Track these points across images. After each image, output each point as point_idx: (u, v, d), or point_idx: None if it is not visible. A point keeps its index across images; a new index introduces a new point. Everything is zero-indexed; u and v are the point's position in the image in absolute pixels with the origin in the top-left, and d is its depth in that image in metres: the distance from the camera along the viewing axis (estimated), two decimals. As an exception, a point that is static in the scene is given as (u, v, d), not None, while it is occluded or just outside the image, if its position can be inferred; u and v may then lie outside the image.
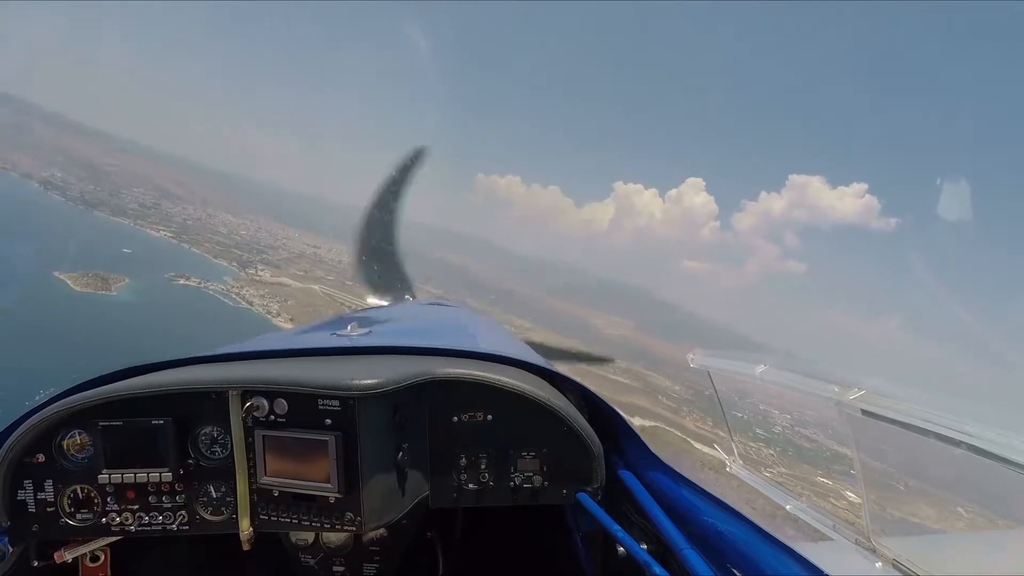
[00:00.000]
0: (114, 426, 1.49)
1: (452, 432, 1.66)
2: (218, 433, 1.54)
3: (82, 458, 1.53)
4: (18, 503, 1.51)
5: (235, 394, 1.49)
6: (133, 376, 1.62)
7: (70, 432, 1.52)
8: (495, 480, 1.66)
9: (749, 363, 1.71)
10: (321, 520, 1.49)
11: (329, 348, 1.89)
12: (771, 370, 1.58)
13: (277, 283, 71.45)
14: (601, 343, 74.84)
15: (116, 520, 1.53)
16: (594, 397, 1.78)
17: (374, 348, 1.91)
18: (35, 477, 1.51)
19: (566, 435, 1.63)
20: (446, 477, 1.67)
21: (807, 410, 28.22)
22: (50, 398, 1.53)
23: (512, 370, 1.76)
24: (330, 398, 1.45)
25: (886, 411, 1.11)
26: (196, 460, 1.55)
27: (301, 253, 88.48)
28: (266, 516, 1.53)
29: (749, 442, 36.13)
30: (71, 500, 1.53)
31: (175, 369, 1.67)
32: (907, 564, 1.13)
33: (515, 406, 1.64)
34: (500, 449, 1.66)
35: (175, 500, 1.54)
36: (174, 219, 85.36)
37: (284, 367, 1.62)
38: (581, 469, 1.65)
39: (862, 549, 1.25)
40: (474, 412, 1.66)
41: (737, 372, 1.79)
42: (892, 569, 1.14)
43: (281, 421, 1.48)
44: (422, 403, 1.64)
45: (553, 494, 1.66)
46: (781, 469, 30.54)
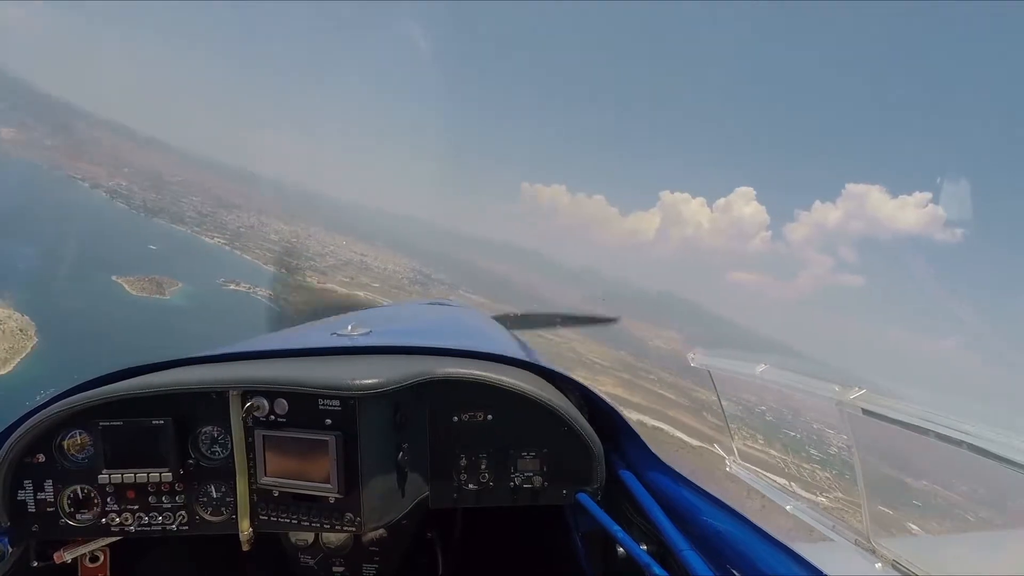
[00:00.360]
0: (114, 426, 1.49)
1: (452, 432, 1.66)
2: (218, 433, 1.54)
3: (82, 458, 1.53)
4: (18, 503, 1.50)
5: (235, 394, 1.49)
6: (133, 376, 1.62)
7: (70, 432, 1.52)
8: (495, 480, 1.66)
9: (750, 362, 1.71)
10: (321, 520, 1.49)
11: (329, 348, 1.89)
12: (771, 369, 1.58)
13: (322, 289, 72.31)
14: (649, 354, 74.69)
15: (116, 520, 1.53)
16: (594, 397, 1.77)
17: (374, 348, 1.91)
18: (35, 477, 1.51)
19: (566, 435, 1.63)
20: (446, 477, 1.67)
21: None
22: (50, 398, 1.53)
23: (512, 370, 1.76)
24: (330, 398, 1.45)
25: (887, 410, 1.11)
26: (196, 460, 1.55)
27: (348, 260, 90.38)
28: (266, 516, 1.53)
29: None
30: (71, 500, 1.52)
31: (175, 369, 1.67)
32: (907, 565, 1.13)
33: (515, 406, 1.63)
34: (500, 449, 1.66)
35: (175, 500, 1.54)
36: (228, 226, 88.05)
37: (284, 367, 1.61)
38: (581, 469, 1.64)
39: (862, 550, 1.24)
40: (474, 412, 1.66)
41: (738, 371, 1.80)
42: (892, 570, 1.14)
43: (281, 421, 1.48)
44: (422, 403, 1.64)
45: (553, 494, 1.66)
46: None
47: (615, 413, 1.73)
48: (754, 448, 35.74)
